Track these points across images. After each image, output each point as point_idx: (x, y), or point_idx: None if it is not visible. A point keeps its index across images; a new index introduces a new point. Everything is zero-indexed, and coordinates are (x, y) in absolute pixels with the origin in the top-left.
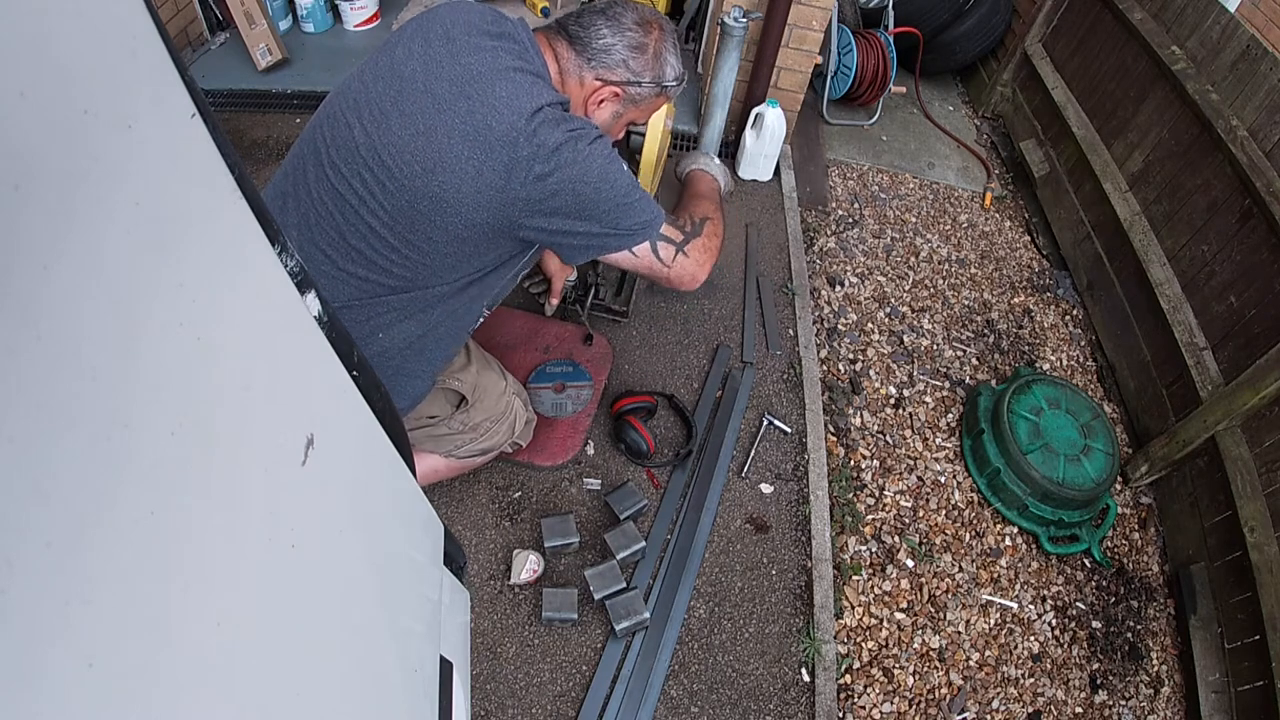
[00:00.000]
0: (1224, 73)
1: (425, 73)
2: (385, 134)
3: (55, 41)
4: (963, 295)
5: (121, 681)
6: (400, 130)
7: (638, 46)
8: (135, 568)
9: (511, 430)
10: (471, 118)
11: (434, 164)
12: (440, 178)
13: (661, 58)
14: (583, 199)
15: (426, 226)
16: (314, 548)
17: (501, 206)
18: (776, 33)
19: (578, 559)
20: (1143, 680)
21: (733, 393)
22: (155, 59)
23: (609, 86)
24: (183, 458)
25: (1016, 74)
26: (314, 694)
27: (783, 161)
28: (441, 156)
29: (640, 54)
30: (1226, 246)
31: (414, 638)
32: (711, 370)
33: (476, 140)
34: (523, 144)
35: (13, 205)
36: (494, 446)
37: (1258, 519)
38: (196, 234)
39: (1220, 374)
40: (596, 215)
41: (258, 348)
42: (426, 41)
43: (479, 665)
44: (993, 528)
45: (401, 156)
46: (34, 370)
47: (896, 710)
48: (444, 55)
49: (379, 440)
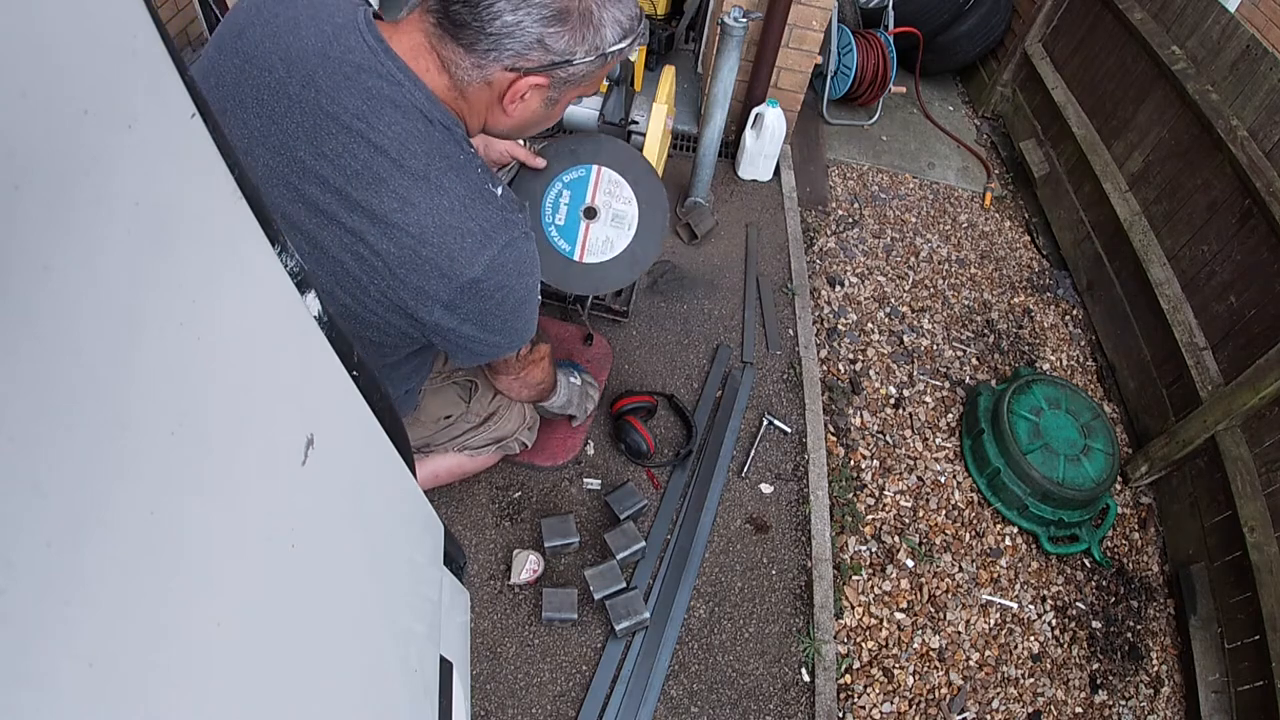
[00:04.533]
0: (1224, 73)
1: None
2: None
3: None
4: (963, 295)
5: (121, 681)
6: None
7: (556, 15)
8: (135, 568)
9: (523, 416)
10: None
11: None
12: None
13: (594, 18)
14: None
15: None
16: (314, 548)
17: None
18: (776, 33)
19: (578, 559)
20: (1143, 680)
21: (733, 393)
22: (155, 59)
23: (527, 78)
24: (183, 458)
25: (1016, 74)
26: (314, 694)
27: (783, 161)
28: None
29: (561, 24)
30: (1226, 246)
31: (414, 638)
32: (711, 370)
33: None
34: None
35: (13, 205)
36: (507, 434)
37: (1258, 519)
38: (196, 234)
39: (1220, 374)
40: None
41: (258, 348)
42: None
43: (479, 665)
44: (993, 528)
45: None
46: (34, 370)
47: (896, 710)
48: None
49: (379, 440)
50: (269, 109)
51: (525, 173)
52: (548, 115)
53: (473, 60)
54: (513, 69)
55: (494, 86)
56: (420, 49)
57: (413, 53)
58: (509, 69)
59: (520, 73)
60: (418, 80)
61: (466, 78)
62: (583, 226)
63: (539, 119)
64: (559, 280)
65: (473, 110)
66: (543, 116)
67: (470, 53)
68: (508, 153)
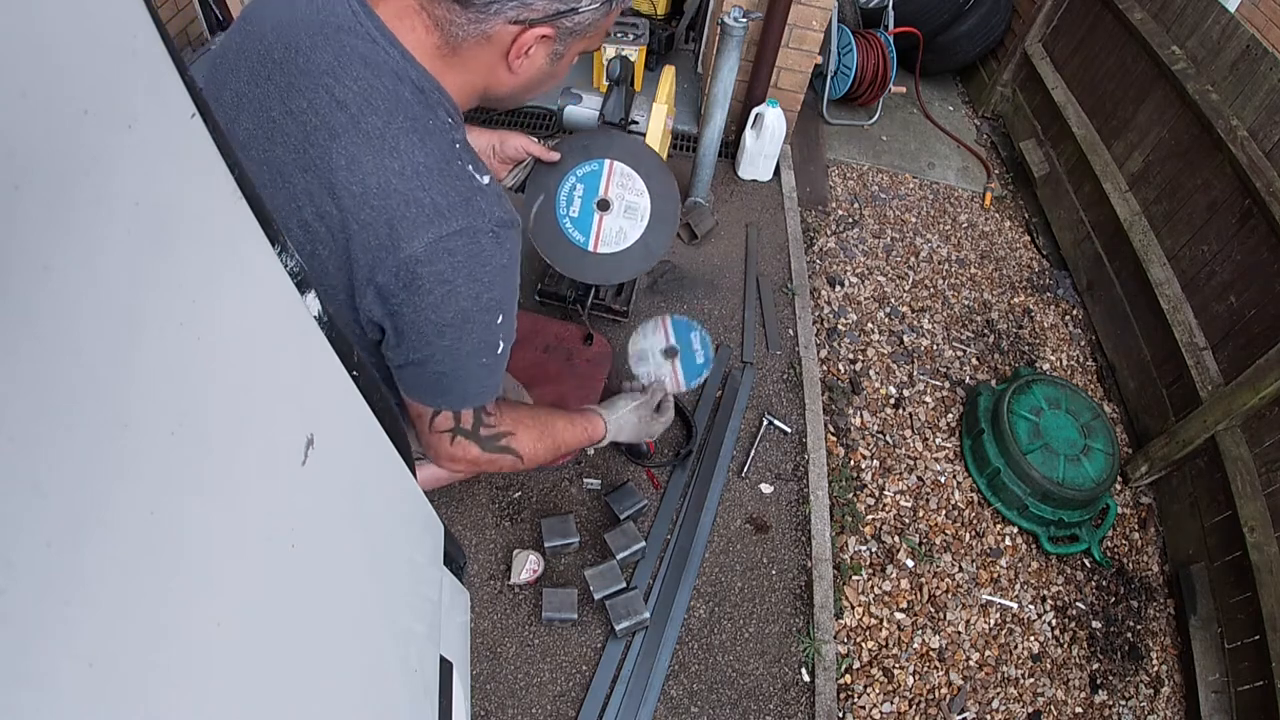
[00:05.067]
0: (1224, 73)
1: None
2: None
3: (55, 42)
4: (963, 295)
5: (121, 681)
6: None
7: None
8: (135, 568)
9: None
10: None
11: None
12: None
13: None
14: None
15: None
16: (314, 548)
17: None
18: (776, 33)
19: (578, 559)
20: (1143, 680)
21: (733, 393)
22: (155, 59)
23: (533, 30)
24: (183, 458)
25: (1016, 74)
26: (314, 694)
27: (783, 161)
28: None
29: None
30: (1226, 246)
31: (414, 638)
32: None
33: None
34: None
35: (13, 205)
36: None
37: (1258, 519)
38: (196, 234)
39: (1220, 374)
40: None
41: (258, 348)
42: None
43: (479, 665)
44: (993, 528)
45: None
46: (34, 370)
47: (896, 710)
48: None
49: (379, 440)
50: (255, 74)
51: (540, 168)
52: (553, 72)
53: (470, 15)
54: (516, 21)
55: (495, 42)
56: (407, 10)
57: (398, 14)
58: (512, 21)
59: (525, 24)
60: (393, 39)
61: (461, 34)
62: (596, 218)
63: (545, 75)
64: (575, 270)
65: (470, 71)
66: (548, 73)
67: (467, 8)
68: (523, 149)
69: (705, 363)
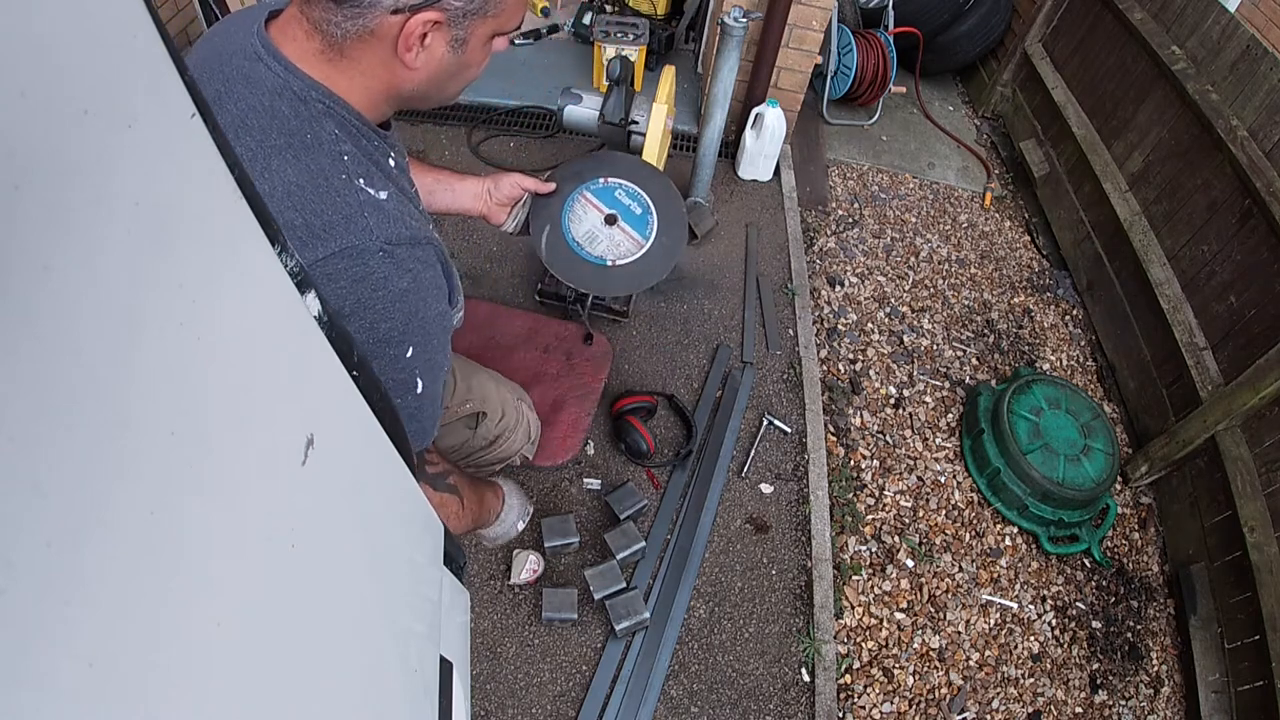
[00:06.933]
0: (1224, 73)
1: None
2: None
3: (55, 41)
4: (963, 295)
5: (121, 681)
6: None
7: None
8: (135, 568)
9: (527, 435)
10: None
11: None
12: None
13: None
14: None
15: None
16: (314, 548)
17: None
18: (776, 33)
19: (578, 559)
20: (1143, 680)
21: (733, 393)
22: (155, 59)
23: (417, 16)
24: (183, 458)
25: (1016, 74)
26: (314, 694)
27: (783, 161)
28: None
29: None
30: (1226, 246)
31: (414, 638)
32: (711, 370)
33: None
34: None
35: (13, 205)
36: (512, 452)
37: (1258, 519)
38: (196, 234)
39: (1220, 374)
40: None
41: (257, 348)
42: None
43: (479, 665)
44: (993, 528)
45: None
46: (34, 370)
47: (896, 710)
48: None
49: (379, 440)
50: None
51: (539, 200)
52: (465, 61)
53: (345, 12)
54: (396, 10)
55: (380, 36)
56: (290, 19)
57: (282, 25)
58: (392, 11)
59: (406, 12)
60: (276, 51)
61: (341, 33)
62: (607, 234)
63: (454, 67)
64: (602, 287)
65: (364, 74)
66: (458, 64)
67: (341, 4)
68: (517, 185)
69: (645, 210)
